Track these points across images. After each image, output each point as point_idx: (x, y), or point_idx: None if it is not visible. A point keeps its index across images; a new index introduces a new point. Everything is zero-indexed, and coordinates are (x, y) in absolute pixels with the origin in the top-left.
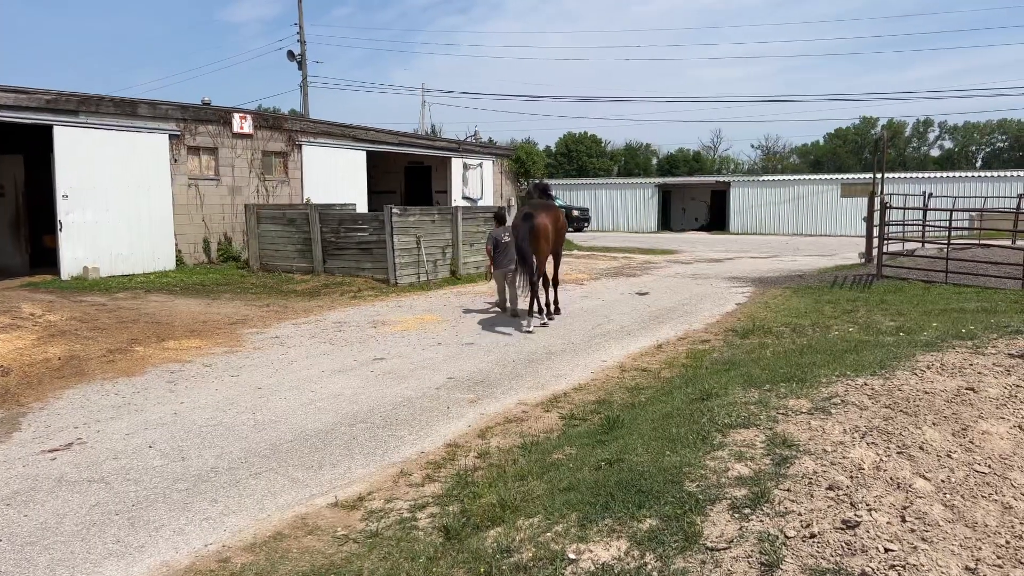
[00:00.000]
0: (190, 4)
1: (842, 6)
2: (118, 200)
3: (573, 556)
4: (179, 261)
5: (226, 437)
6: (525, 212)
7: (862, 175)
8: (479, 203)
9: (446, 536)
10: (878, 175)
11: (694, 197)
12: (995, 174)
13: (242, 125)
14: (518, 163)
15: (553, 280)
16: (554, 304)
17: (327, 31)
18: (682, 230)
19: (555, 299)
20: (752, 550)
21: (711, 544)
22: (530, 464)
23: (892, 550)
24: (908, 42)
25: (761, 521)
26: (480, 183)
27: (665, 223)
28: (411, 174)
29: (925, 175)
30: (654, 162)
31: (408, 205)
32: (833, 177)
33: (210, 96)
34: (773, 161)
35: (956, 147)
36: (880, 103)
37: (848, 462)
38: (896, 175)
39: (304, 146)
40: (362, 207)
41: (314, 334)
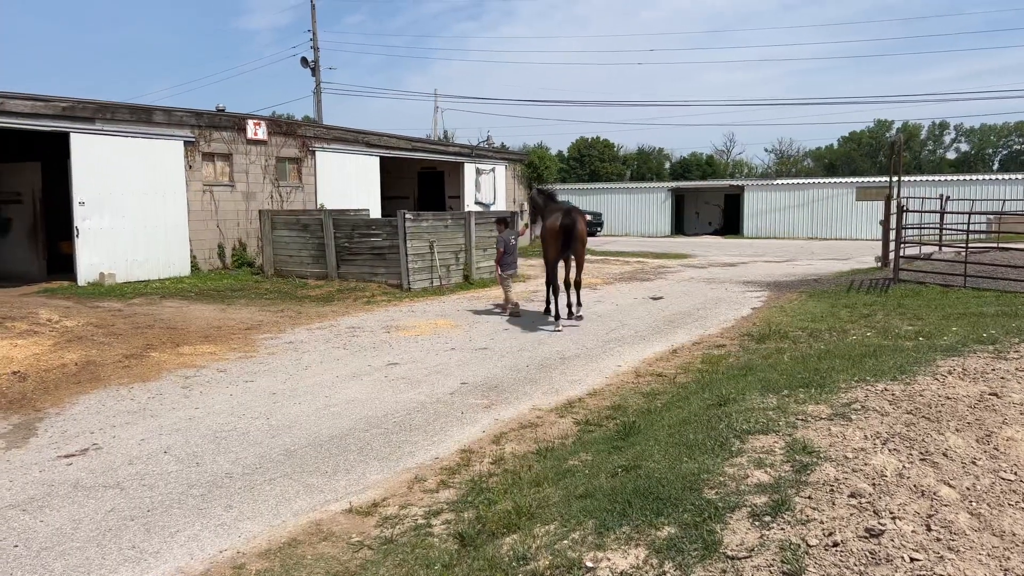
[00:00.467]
0: (205, 13)
1: (854, 8)
2: (134, 206)
3: (591, 564)
4: (194, 267)
5: (241, 443)
6: (566, 212)
7: (877, 178)
8: (492, 208)
9: (461, 543)
10: (894, 178)
11: (707, 201)
12: (1013, 177)
13: (256, 131)
14: (531, 168)
15: (576, 283)
16: (576, 306)
17: (340, 38)
18: (696, 234)
19: (578, 301)
20: (773, 559)
21: (731, 553)
22: (545, 470)
23: (918, 560)
24: (922, 44)
25: (782, 529)
26: (493, 188)
27: (678, 227)
28: (424, 179)
29: (941, 178)
30: (667, 166)
31: (421, 210)
32: (848, 181)
33: (225, 103)
34: (787, 165)
35: (972, 150)
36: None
37: (870, 469)
38: (912, 178)
39: (318, 152)
40: (375, 212)
41: (328, 339)
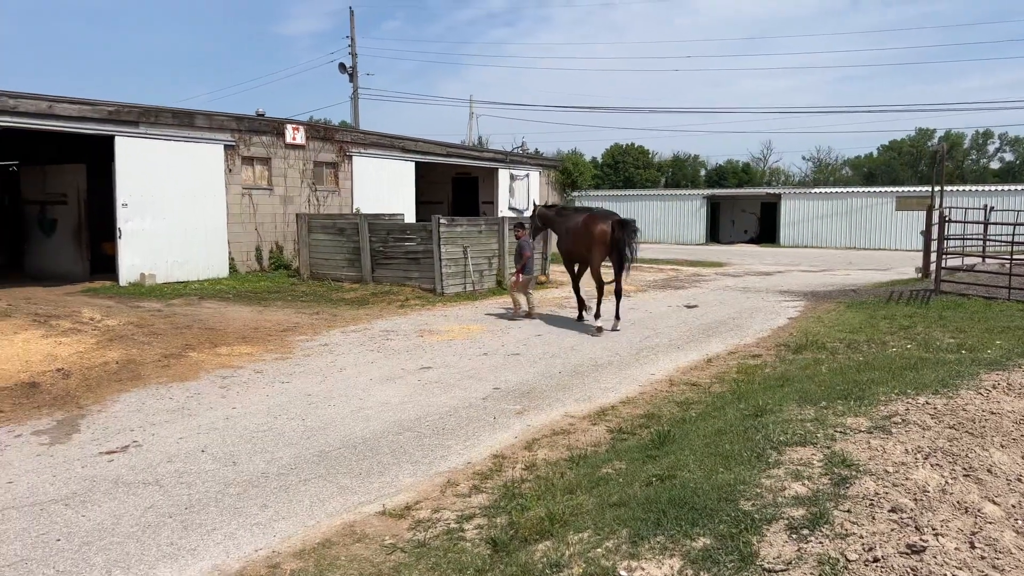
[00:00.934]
0: (245, 18)
1: (897, 15)
2: (174, 208)
3: (624, 573)
4: (232, 269)
5: (276, 443)
6: (621, 221)
7: (918, 188)
8: (525, 214)
9: (494, 548)
10: (936, 188)
11: (743, 209)
12: None
13: (295, 136)
14: (565, 174)
15: (612, 288)
16: (610, 310)
17: (378, 44)
18: (731, 242)
19: (613, 306)
20: (811, 573)
21: (768, 566)
22: (578, 478)
23: None
24: (966, 51)
25: (820, 543)
26: (526, 194)
27: (713, 235)
28: (458, 185)
29: (985, 188)
30: (702, 174)
31: (455, 216)
32: (888, 190)
33: (264, 107)
34: (825, 173)
35: (1017, 159)
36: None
37: (911, 484)
38: (954, 188)
39: (354, 157)
40: (410, 217)
41: (362, 342)
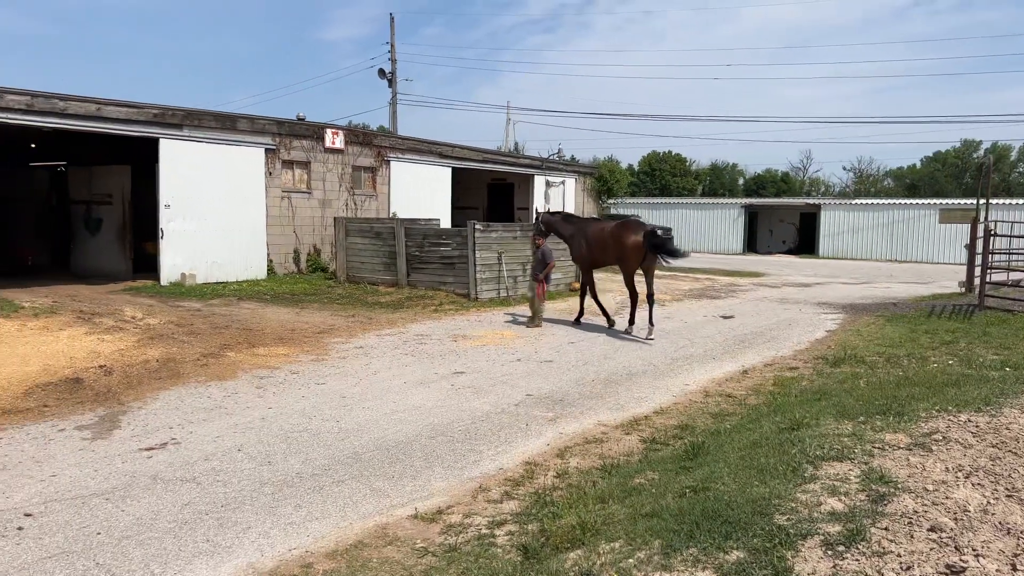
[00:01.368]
0: (286, 24)
1: (940, 25)
2: (215, 210)
3: None
4: (270, 270)
5: (311, 444)
6: (651, 231)
7: (962, 200)
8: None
9: (525, 555)
10: (981, 200)
11: (782, 219)
12: None
13: (334, 140)
14: (601, 181)
15: (649, 296)
16: (644, 318)
17: (417, 50)
18: (769, 252)
19: (644, 314)
20: None
21: None
22: (610, 487)
23: None
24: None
25: (857, 560)
26: (562, 200)
27: (751, 245)
28: (494, 190)
29: None
30: (740, 182)
31: (490, 221)
32: (931, 202)
33: (304, 112)
34: (866, 184)
35: None
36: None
37: (952, 503)
38: (1001, 201)
39: (392, 162)
40: (446, 222)
41: (397, 345)
